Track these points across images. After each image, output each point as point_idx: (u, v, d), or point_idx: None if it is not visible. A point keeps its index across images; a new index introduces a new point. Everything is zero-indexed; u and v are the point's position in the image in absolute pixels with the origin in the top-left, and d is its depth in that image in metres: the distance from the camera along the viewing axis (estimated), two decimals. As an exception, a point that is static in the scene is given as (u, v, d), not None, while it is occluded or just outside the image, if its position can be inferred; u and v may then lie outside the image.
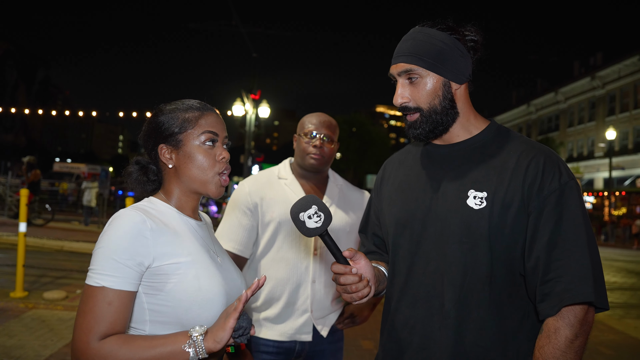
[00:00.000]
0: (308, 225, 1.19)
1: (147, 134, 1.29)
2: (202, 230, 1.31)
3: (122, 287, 1.09)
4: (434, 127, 1.31)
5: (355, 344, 4.60)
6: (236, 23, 16.77)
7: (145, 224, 1.13)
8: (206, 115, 1.27)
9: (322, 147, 1.98)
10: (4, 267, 7.03)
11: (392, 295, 1.39)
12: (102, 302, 1.07)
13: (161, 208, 1.24)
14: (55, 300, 5.33)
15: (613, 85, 32.36)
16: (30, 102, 58.42)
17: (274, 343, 1.94)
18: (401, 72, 1.31)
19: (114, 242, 1.10)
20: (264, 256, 1.98)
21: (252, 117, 18.86)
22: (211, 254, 1.26)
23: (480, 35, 1.32)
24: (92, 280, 1.10)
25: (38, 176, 12.72)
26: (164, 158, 1.25)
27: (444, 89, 1.29)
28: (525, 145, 1.28)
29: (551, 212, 1.19)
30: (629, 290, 9.30)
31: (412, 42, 1.30)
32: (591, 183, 33.50)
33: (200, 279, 1.16)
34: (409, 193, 1.38)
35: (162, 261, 1.14)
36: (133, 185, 1.30)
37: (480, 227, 1.22)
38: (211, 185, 1.24)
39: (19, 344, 3.98)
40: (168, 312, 1.14)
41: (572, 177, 1.23)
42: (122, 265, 1.09)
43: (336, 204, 2.07)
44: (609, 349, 5.07)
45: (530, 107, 42.84)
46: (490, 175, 1.26)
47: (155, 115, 1.29)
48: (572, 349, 1.14)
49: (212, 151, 1.25)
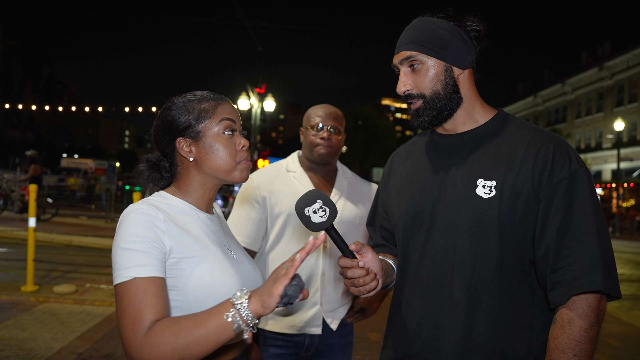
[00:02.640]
0: (313, 220, 1.19)
1: (161, 129, 1.25)
2: (214, 224, 1.29)
3: (152, 273, 1.06)
4: (438, 112, 1.32)
5: (362, 336, 4.62)
6: (240, 17, 16.73)
7: (157, 215, 1.12)
8: (222, 104, 1.25)
9: (330, 139, 1.98)
10: (14, 261, 7.12)
11: (401, 286, 1.39)
12: (136, 292, 1.03)
13: (173, 202, 1.22)
14: (66, 294, 5.39)
15: (621, 75, 32.00)
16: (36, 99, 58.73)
17: (283, 336, 1.95)
18: (403, 60, 1.32)
19: (130, 235, 1.08)
20: (273, 249, 1.99)
21: (258, 111, 18.86)
22: (224, 249, 1.24)
23: (483, 25, 1.33)
24: (121, 276, 1.06)
25: (38, 171, 12.76)
26: (184, 152, 1.22)
27: (445, 74, 1.30)
28: (534, 133, 1.28)
29: (562, 200, 1.18)
30: (637, 282, 9.26)
31: (413, 30, 1.33)
32: (599, 175, 33.25)
33: (214, 273, 1.14)
34: (417, 184, 1.38)
35: (175, 254, 1.12)
36: (146, 183, 1.27)
37: (490, 216, 1.22)
38: (235, 172, 1.23)
39: (30, 337, 4.04)
40: (184, 307, 1.12)
41: (583, 165, 1.23)
42: (145, 253, 1.07)
43: (345, 196, 2.07)
44: (617, 340, 5.06)
45: (537, 98, 42.49)
46: (499, 164, 1.25)
47: (168, 109, 1.25)
48: (587, 339, 1.13)
49: (232, 140, 1.23)
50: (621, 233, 22.98)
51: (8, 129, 55.45)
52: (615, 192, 27.84)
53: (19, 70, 59.88)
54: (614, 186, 28.36)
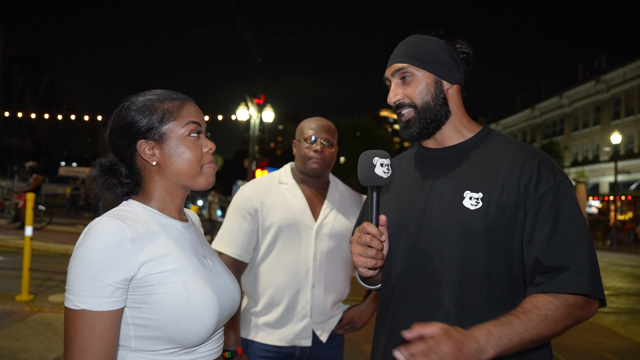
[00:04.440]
0: (376, 171, 1.21)
1: (119, 130, 1.16)
2: (189, 232, 1.21)
3: (103, 307, 0.99)
4: (427, 124, 1.35)
5: (359, 349, 4.60)
6: (240, 28, 16.83)
7: (124, 233, 1.03)
8: (186, 104, 1.18)
9: (323, 152, 1.99)
10: (9, 270, 7.08)
11: (388, 297, 1.40)
12: (83, 327, 0.98)
13: (141, 211, 1.14)
14: (61, 303, 5.35)
15: (618, 88, 32.22)
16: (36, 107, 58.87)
17: (274, 348, 1.95)
18: (395, 72, 1.38)
19: (90, 257, 0.99)
20: (263, 261, 1.99)
21: (256, 122, 18.91)
22: (200, 258, 1.17)
23: (471, 48, 1.40)
24: (71, 302, 1.00)
25: (39, 181, 12.84)
26: (146, 155, 1.14)
27: (435, 86, 1.35)
28: (519, 147, 1.32)
29: (549, 210, 1.21)
30: (635, 296, 9.23)
31: (405, 45, 1.39)
32: (596, 187, 33.30)
33: (189, 288, 1.07)
34: (403, 196, 1.41)
35: (145, 272, 1.04)
36: (100, 191, 1.16)
37: (477, 227, 1.24)
38: (201, 178, 1.16)
39: (24, 347, 4.01)
40: (155, 325, 1.05)
41: (566, 177, 1.27)
42: (101, 283, 0.99)
43: (337, 208, 2.08)
44: (615, 355, 5.04)
45: (534, 111, 42.69)
46: (485, 176, 1.28)
47: (127, 109, 1.15)
48: (560, 322, 1.13)
49: (198, 142, 1.17)
50: (619, 246, 22.95)
51: (7, 137, 55.47)
52: (613, 204, 27.86)
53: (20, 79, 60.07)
54: (611, 199, 28.39)
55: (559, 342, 5.37)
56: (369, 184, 1.24)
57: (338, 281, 2.04)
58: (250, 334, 1.98)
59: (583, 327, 6.16)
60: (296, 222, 1.97)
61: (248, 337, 1.98)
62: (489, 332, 1.10)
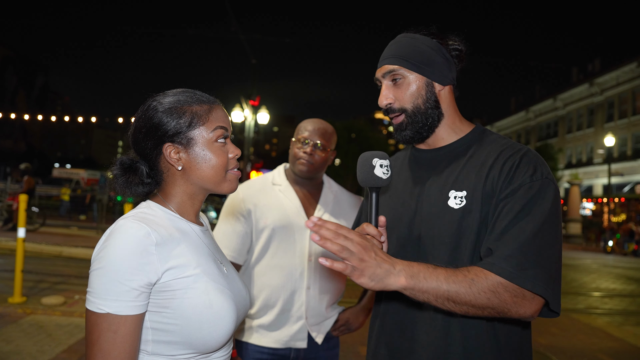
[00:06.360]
0: (376, 172, 1.20)
1: (145, 132, 1.12)
2: (206, 236, 1.20)
3: (128, 312, 0.98)
4: (420, 127, 1.34)
5: (353, 350, 4.59)
6: (235, 29, 16.83)
7: (149, 237, 1.01)
8: (215, 108, 1.15)
9: (313, 155, 1.97)
10: (2, 272, 7.02)
11: (380, 299, 1.41)
12: (107, 331, 0.97)
13: (161, 214, 1.11)
14: (54, 305, 5.32)
15: (611, 91, 32.47)
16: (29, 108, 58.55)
17: (269, 350, 1.94)
18: (385, 74, 1.35)
19: (116, 261, 0.98)
20: (258, 263, 1.98)
21: (251, 123, 18.89)
22: (217, 264, 1.16)
23: (464, 45, 1.36)
24: (94, 305, 0.98)
25: (32, 184, 12.83)
26: (172, 159, 1.11)
27: (427, 89, 1.33)
28: (507, 146, 1.29)
29: (515, 204, 1.17)
30: (628, 297, 9.28)
31: (396, 45, 1.35)
32: (590, 189, 33.52)
33: (210, 294, 1.06)
34: (395, 198, 1.41)
35: (169, 277, 1.03)
36: (121, 189, 1.14)
37: (461, 226, 1.23)
38: (225, 184, 1.14)
39: (16, 350, 3.97)
40: (174, 330, 1.04)
41: (547, 177, 1.20)
42: (126, 287, 0.98)
43: (330, 211, 2.07)
44: (608, 356, 5.06)
45: (529, 113, 42.95)
46: (469, 175, 1.27)
47: (154, 109, 1.12)
48: (484, 293, 1.08)
49: (224, 148, 1.14)
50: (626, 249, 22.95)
51: (0, 139, 55.10)
52: (606, 207, 28.04)
53: (13, 80, 59.73)
54: (605, 201, 28.57)
55: (553, 343, 5.39)
56: (368, 185, 1.23)
57: (333, 283, 2.03)
58: (245, 336, 1.97)
59: (577, 328, 6.18)
60: (290, 223, 1.96)
61: (242, 339, 1.97)
62: (410, 264, 1.07)
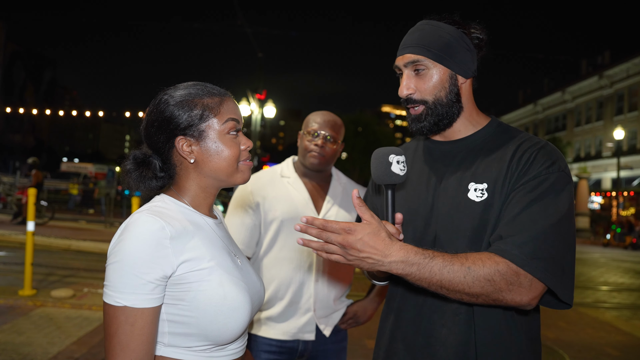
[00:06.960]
0: (393, 169, 1.18)
1: (157, 125, 1.13)
2: (220, 229, 1.21)
3: (145, 304, 1.00)
4: (439, 120, 1.30)
5: (360, 344, 4.60)
6: (242, 23, 16.83)
7: (164, 231, 1.02)
8: (226, 100, 1.16)
9: (324, 147, 1.96)
10: (12, 265, 7.11)
11: (395, 294, 1.38)
12: (124, 323, 0.99)
13: (175, 208, 1.12)
14: (63, 298, 5.38)
15: (621, 84, 32.08)
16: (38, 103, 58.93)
17: (277, 342, 1.95)
18: (408, 63, 1.29)
19: (132, 254, 0.99)
20: (266, 255, 1.98)
21: (258, 117, 18.89)
22: (232, 256, 1.17)
23: (485, 33, 1.32)
24: (112, 299, 1.00)
25: (40, 177, 12.98)
26: (184, 152, 1.12)
27: (450, 82, 1.28)
28: (525, 139, 1.27)
29: (527, 195, 1.16)
30: (636, 292, 9.23)
31: (420, 33, 1.29)
32: (599, 183, 33.23)
33: (225, 286, 1.07)
34: (410, 190, 1.37)
35: (184, 270, 1.04)
36: (135, 184, 1.15)
37: (483, 219, 1.21)
38: (237, 175, 1.15)
39: (27, 341, 4.02)
40: (190, 322, 1.05)
41: (564, 171, 1.19)
42: (143, 280, 0.99)
43: (339, 203, 2.07)
44: (616, 350, 5.04)
45: (537, 106, 42.57)
46: (489, 167, 1.25)
47: (165, 103, 1.12)
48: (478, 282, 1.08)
49: (236, 140, 1.14)
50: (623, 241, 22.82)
51: (9, 133, 55.54)
52: (615, 200, 27.80)
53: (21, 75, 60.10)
54: (614, 195, 28.32)
55: (560, 336, 5.37)
56: (384, 182, 1.20)
57: (341, 275, 2.03)
58: (253, 328, 1.98)
59: (585, 322, 6.16)
60: (299, 215, 1.96)
61: (251, 332, 1.98)
62: (407, 253, 1.07)
